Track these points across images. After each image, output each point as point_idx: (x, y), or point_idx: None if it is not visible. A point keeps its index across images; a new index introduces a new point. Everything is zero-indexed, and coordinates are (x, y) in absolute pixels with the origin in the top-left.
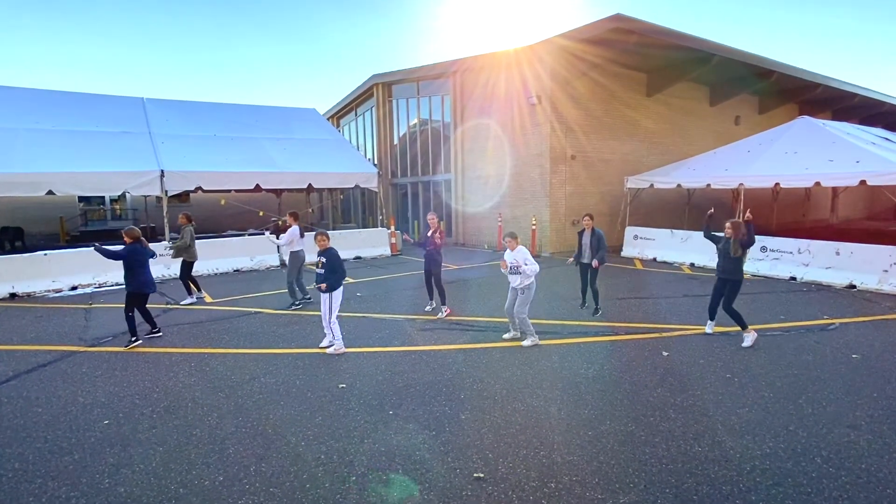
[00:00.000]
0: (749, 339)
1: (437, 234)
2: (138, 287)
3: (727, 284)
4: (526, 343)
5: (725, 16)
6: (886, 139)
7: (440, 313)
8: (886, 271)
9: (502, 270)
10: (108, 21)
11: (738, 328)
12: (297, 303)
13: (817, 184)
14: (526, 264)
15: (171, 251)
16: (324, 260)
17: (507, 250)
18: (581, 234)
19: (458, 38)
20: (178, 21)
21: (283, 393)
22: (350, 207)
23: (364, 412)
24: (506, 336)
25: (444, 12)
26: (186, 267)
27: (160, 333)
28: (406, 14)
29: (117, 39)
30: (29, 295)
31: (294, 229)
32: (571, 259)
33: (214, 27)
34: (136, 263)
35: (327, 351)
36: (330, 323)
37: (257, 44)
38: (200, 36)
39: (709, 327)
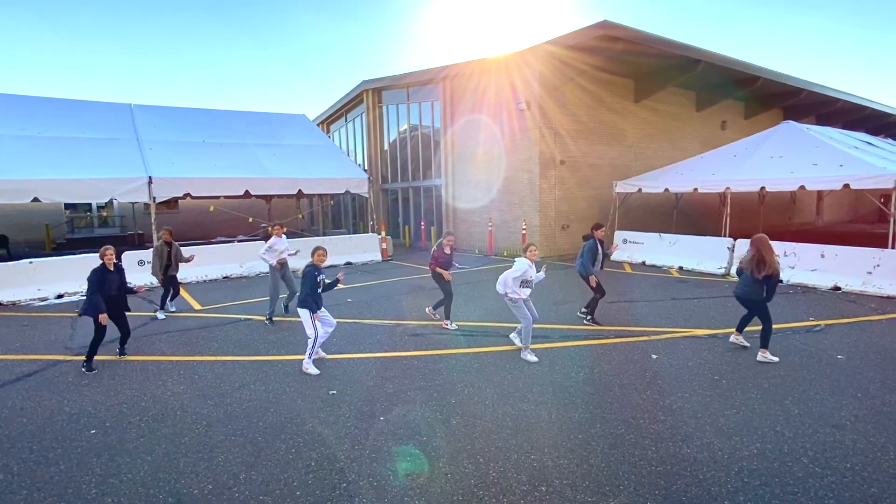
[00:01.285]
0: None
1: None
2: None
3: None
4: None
5: (713, 19)
6: (869, 143)
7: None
8: (870, 273)
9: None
10: (90, 26)
11: (734, 330)
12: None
13: (802, 187)
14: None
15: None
16: (324, 276)
17: (527, 262)
18: (599, 243)
19: (443, 43)
20: (165, 26)
21: (273, 400)
22: (341, 213)
23: (354, 418)
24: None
25: (427, 16)
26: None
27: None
28: (388, 18)
29: (100, 44)
30: (14, 303)
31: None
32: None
33: (200, 33)
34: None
35: (326, 357)
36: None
37: (241, 49)
38: (186, 41)
39: (735, 338)
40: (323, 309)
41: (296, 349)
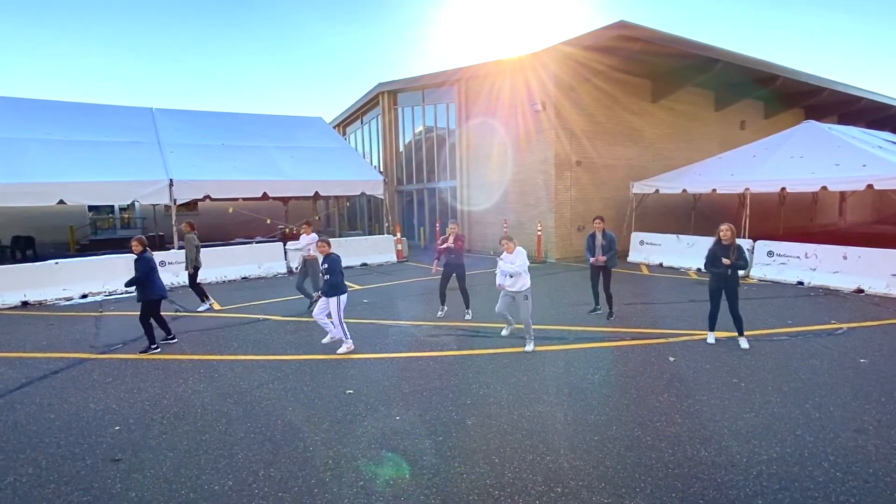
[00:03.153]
0: (745, 342)
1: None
2: (156, 293)
3: (726, 290)
4: (528, 348)
5: (730, 19)
6: (893, 143)
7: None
8: (895, 275)
9: (500, 279)
10: (112, 33)
11: (737, 335)
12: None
13: (824, 188)
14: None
15: (189, 267)
16: (326, 265)
17: (506, 254)
18: (592, 236)
19: (458, 45)
20: (184, 32)
21: (291, 399)
22: (356, 214)
23: (371, 418)
24: (504, 333)
25: (441, 19)
26: (192, 274)
27: (175, 340)
28: (402, 22)
29: (121, 51)
30: (40, 303)
31: (314, 236)
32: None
33: (219, 39)
34: (153, 271)
35: (338, 351)
36: (341, 323)
37: (258, 54)
38: (205, 47)
39: (711, 337)
40: (333, 298)
41: (313, 349)
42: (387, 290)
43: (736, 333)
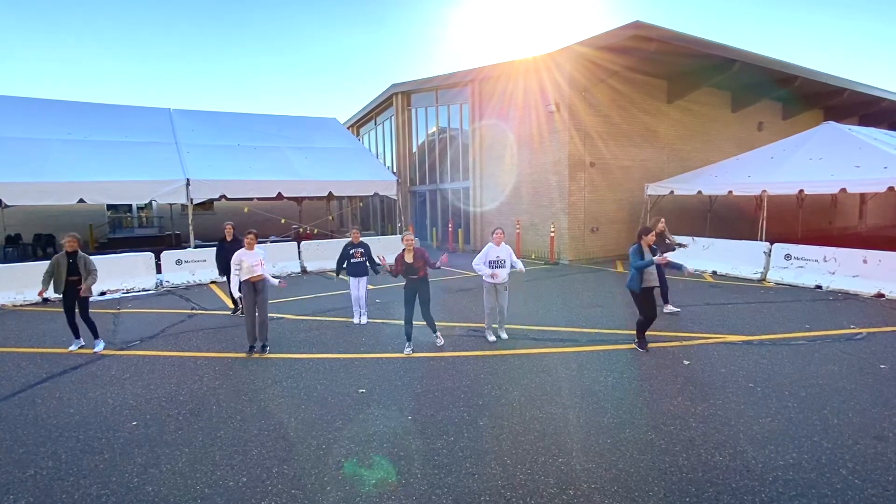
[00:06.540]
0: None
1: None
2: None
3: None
4: (503, 335)
5: (748, 19)
6: None
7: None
8: None
9: (487, 275)
10: (131, 37)
11: (753, 336)
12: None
13: (843, 190)
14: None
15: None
16: (361, 251)
17: (492, 245)
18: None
19: (471, 47)
20: (199, 35)
21: (305, 397)
22: (369, 215)
23: (383, 417)
24: (491, 338)
25: (455, 20)
26: (81, 303)
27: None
28: (417, 24)
29: (140, 54)
30: (61, 300)
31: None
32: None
33: (233, 43)
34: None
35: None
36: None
37: (272, 57)
38: (221, 50)
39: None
40: (354, 279)
41: (325, 348)
42: (399, 290)
43: (751, 336)
